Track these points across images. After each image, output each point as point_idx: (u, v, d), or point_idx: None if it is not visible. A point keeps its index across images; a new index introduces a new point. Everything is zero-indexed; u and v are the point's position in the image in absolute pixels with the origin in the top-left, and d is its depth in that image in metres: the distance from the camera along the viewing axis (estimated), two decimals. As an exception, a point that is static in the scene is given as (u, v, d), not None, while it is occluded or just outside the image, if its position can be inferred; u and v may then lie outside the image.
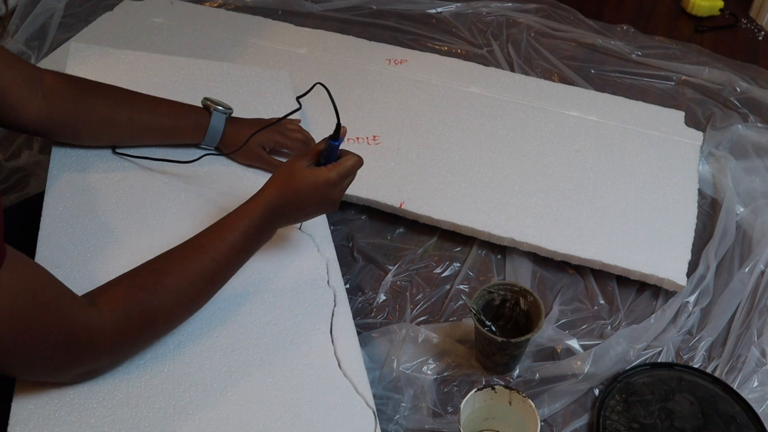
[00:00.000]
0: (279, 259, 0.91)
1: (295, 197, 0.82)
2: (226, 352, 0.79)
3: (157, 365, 0.77)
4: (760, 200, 1.25)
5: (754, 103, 1.48)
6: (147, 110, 0.98)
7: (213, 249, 0.76)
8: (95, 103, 0.94)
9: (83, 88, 0.94)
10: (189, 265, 0.74)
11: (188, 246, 0.77)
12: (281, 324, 0.83)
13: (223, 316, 0.83)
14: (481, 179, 1.21)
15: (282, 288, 0.88)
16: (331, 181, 0.82)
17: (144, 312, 0.71)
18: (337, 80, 1.41)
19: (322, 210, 0.86)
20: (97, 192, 0.95)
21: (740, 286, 1.10)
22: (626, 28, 1.71)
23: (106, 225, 0.91)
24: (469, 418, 0.85)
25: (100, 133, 0.97)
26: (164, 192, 0.97)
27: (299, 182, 0.81)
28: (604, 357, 0.99)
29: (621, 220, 1.15)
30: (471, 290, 1.10)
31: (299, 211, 0.84)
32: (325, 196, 0.83)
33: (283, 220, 0.84)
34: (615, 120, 1.35)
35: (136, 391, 0.74)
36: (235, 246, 0.78)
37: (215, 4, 1.74)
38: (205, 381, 0.76)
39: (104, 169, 0.98)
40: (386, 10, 1.76)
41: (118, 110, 0.95)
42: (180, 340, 0.79)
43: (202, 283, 0.76)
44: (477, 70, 1.48)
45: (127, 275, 0.73)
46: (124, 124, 0.96)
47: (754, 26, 1.80)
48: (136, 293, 0.71)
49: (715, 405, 0.95)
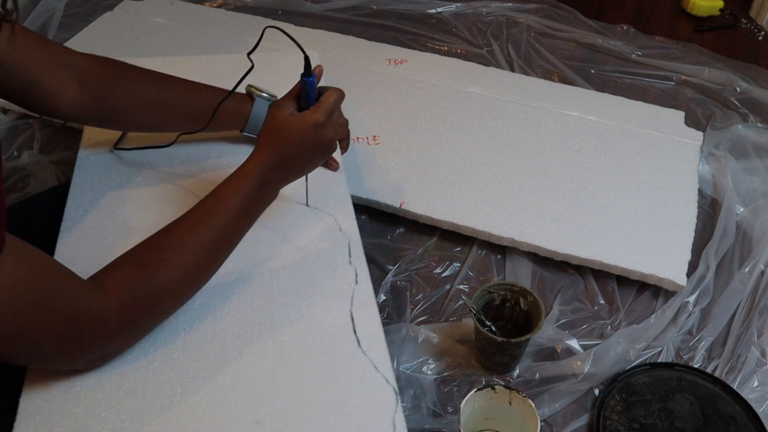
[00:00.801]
0: (300, 238, 0.89)
1: (288, 149, 0.78)
2: (238, 335, 0.77)
3: (166, 353, 0.75)
4: (760, 200, 1.25)
5: (754, 103, 1.48)
6: (185, 94, 0.94)
7: (212, 218, 0.74)
8: (132, 87, 0.90)
9: (119, 70, 0.90)
10: (189, 237, 0.72)
11: (187, 218, 0.74)
12: (297, 303, 0.81)
13: (238, 300, 0.80)
14: (481, 179, 1.21)
15: (301, 268, 0.85)
16: (319, 121, 0.79)
17: (149, 290, 0.69)
18: (337, 80, 1.41)
19: (319, 155, 0.82)
20: (118, 193, 0.94)
21: (740, 286, 1.10)
22: (626, 28, 1.71)
23: (126, 225, 0.90)
24: (469, 418, 0.85)
25: (137, 118, 0.93)
26: (186, 191, 0.96)
27: (287, 132, 0.78)
28: (604, 357, 0.99)
29: (621, 220, 1.15)
30: (471, 290, 1.10)
31: (296, 163, 0.81)
32: (318, 139, 0.80)
33: (283, 176, 0.80)
34: (615, 120, 1.36)
35: (143, 380, 0.73)
36: (235, 212, 0.75)
37: (215, 4, 1.74)
38: (216, 366, 0.74)
39: (125, 171, 0.98)
40: (386, 10, 1.76)
41: (155, 94, 0.91)
42: (192, 326, 0.78)
43: (205, 254, 0.74)
44: (477, 70, 1.48)
45: (128, 254, 0.72)
46: (162, 108, 0.93)
47: (754, 26, 1.80)
48: (139, 271, 0.69)
49: (715, 405, 0.95)
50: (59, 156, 1.29)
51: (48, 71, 0.83)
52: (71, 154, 1.29)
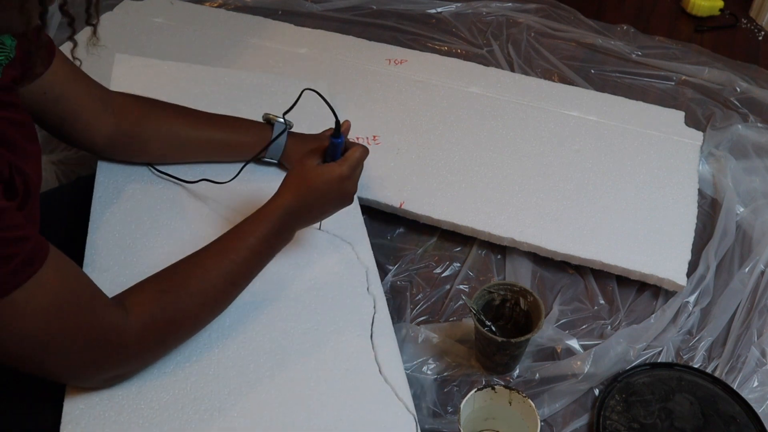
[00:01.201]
0: (320, 266, 0.92)
1: (312, 197, 0.83)
2: (269, 356, 0.80)
3: (203, 368, 0.77)
4: (760, 200, 1.25)
5: (754, 103, 1.48)
6: (210, 126, 0.99)
7: (234, 252, 0.77)
8: (161, 120, 0.95)
9: (149, 105, 0.96)
10: (211, 268, 0.75)
11: (210, 249, 0.77)
12: (323, 329, 0.84)
13: (266, 321, 0.84)
14: (481, 179, 1.21)
15: (323, 294, 0.88)
16: (344, 175, 0.84)
17: (169, 315, 0.72)
18: (337, 80, 1.41)
19: (339, 205, 0.87)
20: (142, 201, 0.96)
21: (740, 286, 1.10)
22: (626, 28, 1.71)
23: (151, 232, 0.92)
24: (469, 418, 0.85)
25: (166, 152, 0.98)
26: (208, 200, 0.98)
27: (313, 182, 0.82)
28: (604, 357, 0.99)
29: (621, 220, 1.15)
30: (471, 290, 1.10)
31: (317, 210, 0.85)
32: (341, 191, 0.85)
33: (301, 222, 0.85)
34: (615, 120, 1.35)
35: (182, 393, 0.75)
36: (255, 250, 0.79)
37: (215, 4, 1.74)
38: (248, 385, 0.77)
39: (147, 180, 0.99)
40: (386, 10, 1.76)
41: (182, 126, 0.97)
42: (224, 344, 0.80)
43: (224, 286, 0.77)
44: (477, 70, 1.48)
45: (153, 278, 0.74)
46: (189, 139, 0.98)
47: (754, 26, 1.80)
48: (162, 296, 0.72)
49: (715, 405, 0.95)
50: (59, 156, 1.29)
51: (88, 104, 0.88)
52: (71, 154, 1.29)
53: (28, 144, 0.71)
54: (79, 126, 0.88)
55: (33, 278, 0.60)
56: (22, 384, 0.72)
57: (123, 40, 1.50)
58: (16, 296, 0.59)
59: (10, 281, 0.58)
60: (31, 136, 0.73)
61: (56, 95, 0.83)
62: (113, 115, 0.91)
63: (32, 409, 0.73)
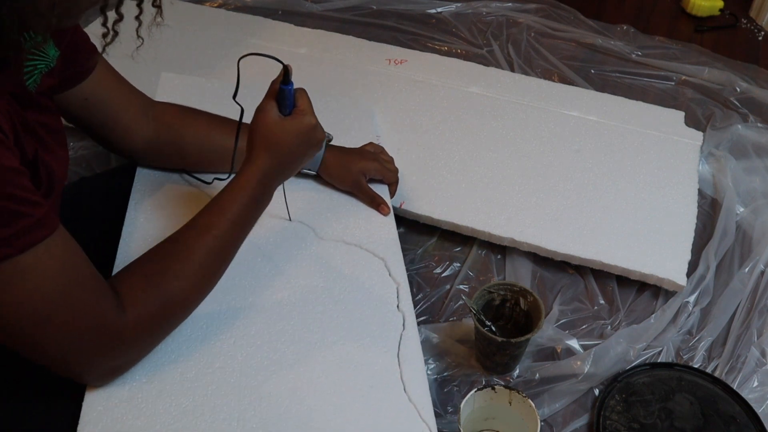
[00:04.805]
0: (350, 280, 0.91)
1: (285, 153, 0.80)
2: (292, 368, 0.79)
3: (225, 375, 0.77)
4: (760, 200, 1.25)
5: (754, 103, 1.48)
6: (245, 134, 0.99)
7: (215, 227, 0.76)
8: (199, 127, 0.96)
9: (188, 113, 0.97)
10: (195, 247, 0.74)
11: (191, 228, 0.76)
12: (348, 345, 0.83)
13: (292, 332, 0.83)
14: (481, 179, 1.21)
15: (351, 309, 0.87)
16: (312, 124, 0.82)
17: (160, 301, 0.71)
18: (337, 80, 1.41)
19: (310, 156, 0.85)
20: (172, 205, 0.96)
21: (740, 286, 1.10)
22: (626, 28, 1.71)
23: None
24: (469, 418, 0.85)
25: (202, 156, 0.98)
26: None
27: (285, 139, 0.80)
28: (604, 357, 0.99)
29: (621, 220, 1.15)
30: (471, 290, 1.10)
31: (294, 165, 0.83)
32: (313, 139, 0.83)
33: (279, 180, 0.83)
34: (615, 120, 1.36)
35: (202, 399, 0.74)
36: (237, 221, 0.77)
37: (215, 4, 1.74)
38: (270, 396, 0.76)
39: (178, 186, 1.00)
40: (386, 10, 1.76)
41: (220, 134, 0.97)
42: (248, 352, 0.79)
43: (210, 263, 0.76)
44: (477, 70, 1.48)
45: (137, 263, 0.73)
46: (226, 148, 0.95)
47: (754, 26, 1.80)
48: (150, 280, 0.71)
49: (715, 405, 0.95)
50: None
51: (129, 109, 0.89)
52: (72, 153, 1.29)
53: (58, 148, 0.72)
54: (119, 131, 0.89)
55: (43, 243, 0.60)
56: (41, 381, 0.71)
57: (123, 40, 1.49)
58: (25, 259, 0.58)
59: (21, 239, 0.58)
60: (61, 142, 0.74)
61: (97, 101, 0.84)
62: (153, 122, 0.92)
63: (50, 408, 0.73)
